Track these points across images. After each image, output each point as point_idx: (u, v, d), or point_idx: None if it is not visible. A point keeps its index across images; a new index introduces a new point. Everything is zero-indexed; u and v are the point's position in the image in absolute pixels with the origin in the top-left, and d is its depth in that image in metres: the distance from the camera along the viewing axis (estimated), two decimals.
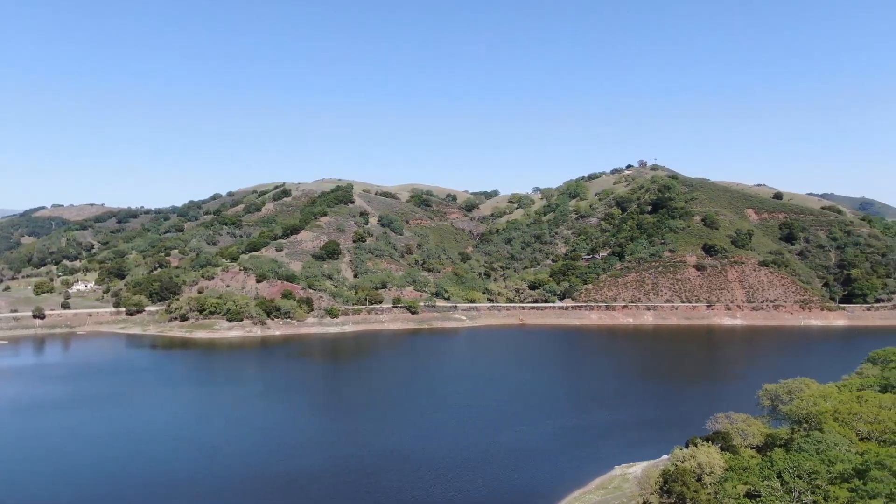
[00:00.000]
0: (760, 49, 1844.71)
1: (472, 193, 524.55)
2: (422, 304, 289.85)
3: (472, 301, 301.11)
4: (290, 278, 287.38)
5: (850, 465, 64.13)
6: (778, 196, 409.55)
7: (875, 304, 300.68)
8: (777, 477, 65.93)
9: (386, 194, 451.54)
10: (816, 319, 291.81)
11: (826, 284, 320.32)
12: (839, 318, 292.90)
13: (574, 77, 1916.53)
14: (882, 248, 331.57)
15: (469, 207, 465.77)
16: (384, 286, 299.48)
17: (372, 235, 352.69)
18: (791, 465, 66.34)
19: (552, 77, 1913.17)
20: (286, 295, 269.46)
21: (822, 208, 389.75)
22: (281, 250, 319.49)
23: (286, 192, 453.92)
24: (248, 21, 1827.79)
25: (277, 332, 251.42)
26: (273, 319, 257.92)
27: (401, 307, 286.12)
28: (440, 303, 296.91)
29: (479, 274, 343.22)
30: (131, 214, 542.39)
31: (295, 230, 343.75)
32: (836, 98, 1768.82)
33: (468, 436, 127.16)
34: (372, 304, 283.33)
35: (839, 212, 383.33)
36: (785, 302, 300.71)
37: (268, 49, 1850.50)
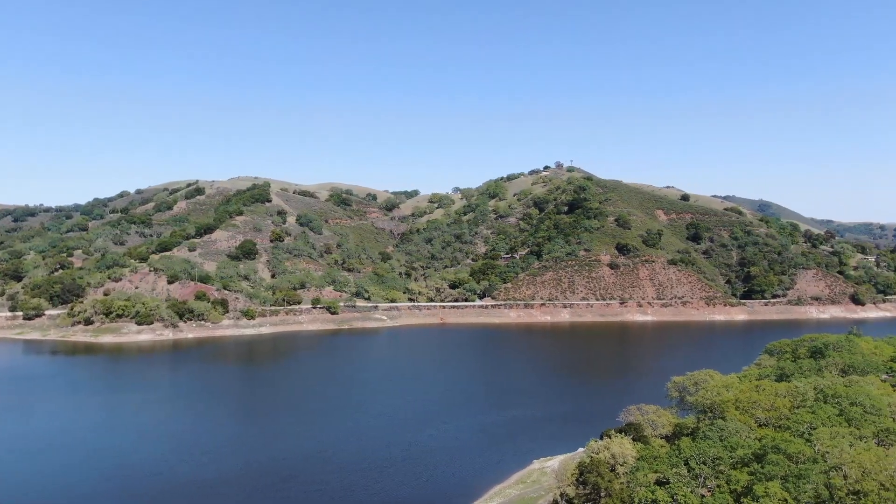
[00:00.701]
0: (668, 54, 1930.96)
1: (393, 193, 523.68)
2: (342, 304, 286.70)
3: (393, 301, 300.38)
4: (204, 279, 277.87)
5: (749, 451, 67.98)
6: (685, 198, 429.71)
7: (772, 300, 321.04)
8: (684, 464, 69.11)
9: (305, 193, 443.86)
10: (720, 314, 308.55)
11: (728, 281, 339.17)
12: (740, 313, 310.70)
13: (493, 78, 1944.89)
14: (778, 248, 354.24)
15: (389, 207, 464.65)
16: (303, 286, 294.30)
17: (290, 235, 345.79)
18: (697, 452, 69.73)
19: (472, 77, 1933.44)
20: (200, 296, 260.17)
21: (725, 209, 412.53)
22: (194, 250, 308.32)
23: (199, 191, 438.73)
24: (156, 8, 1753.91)
25: (190, 335, 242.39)
26: (186, 322, 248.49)
27: (320, 308, 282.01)
28: (360, 303, 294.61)
29: (400, 274, 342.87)
30: (29, 213, 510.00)
31: (209, 229, 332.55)
32: (737, 104, 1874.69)
33: (390, 435, 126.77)
34: (290, 304, 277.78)
35: (740, 213, 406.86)
36: (692, 298, 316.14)
37: (176, 39, 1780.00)
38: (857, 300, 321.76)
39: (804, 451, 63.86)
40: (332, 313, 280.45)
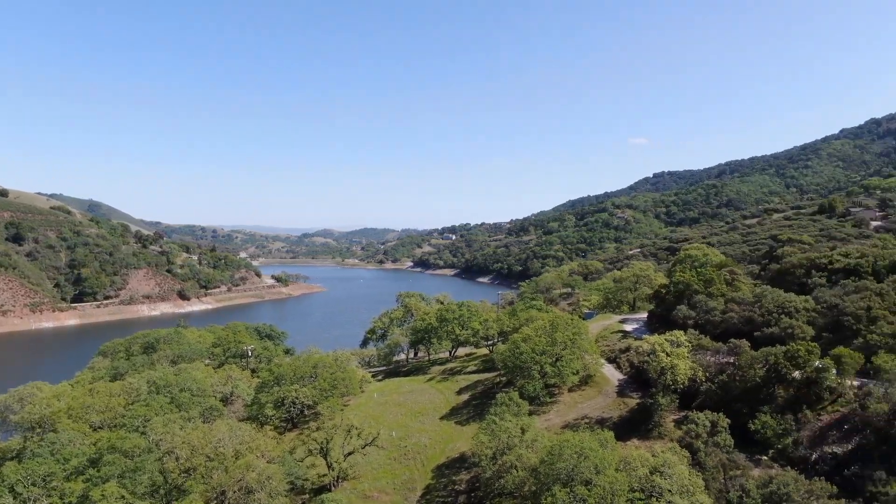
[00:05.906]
0: None
1: None
2: None
3: None
4: None
5: (84, 458, 65.89)
6: (3, 194, 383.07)
7: (104, 301, 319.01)
8: (10, 491, 61.70)
9: None
10: (49, 321, 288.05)
11: (58, 285, 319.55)
12: (72, 318, 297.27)
13: None
14: (109, 248, 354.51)
15: None
16: None
17: None
18: (25, 474, 63.22)
19: None
20: None
21: (52, 208, 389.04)
22: None
23: None
24: None
25: None
26: None
27: None
28: None
29: None
30: None
31: None
32: (54, 94, 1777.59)
33: None
34: None
35: (69, 213, 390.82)
36: (14, 306, 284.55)
37: None
38: (183, 295, 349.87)
39: (140, 444, 65.82)
40: None
